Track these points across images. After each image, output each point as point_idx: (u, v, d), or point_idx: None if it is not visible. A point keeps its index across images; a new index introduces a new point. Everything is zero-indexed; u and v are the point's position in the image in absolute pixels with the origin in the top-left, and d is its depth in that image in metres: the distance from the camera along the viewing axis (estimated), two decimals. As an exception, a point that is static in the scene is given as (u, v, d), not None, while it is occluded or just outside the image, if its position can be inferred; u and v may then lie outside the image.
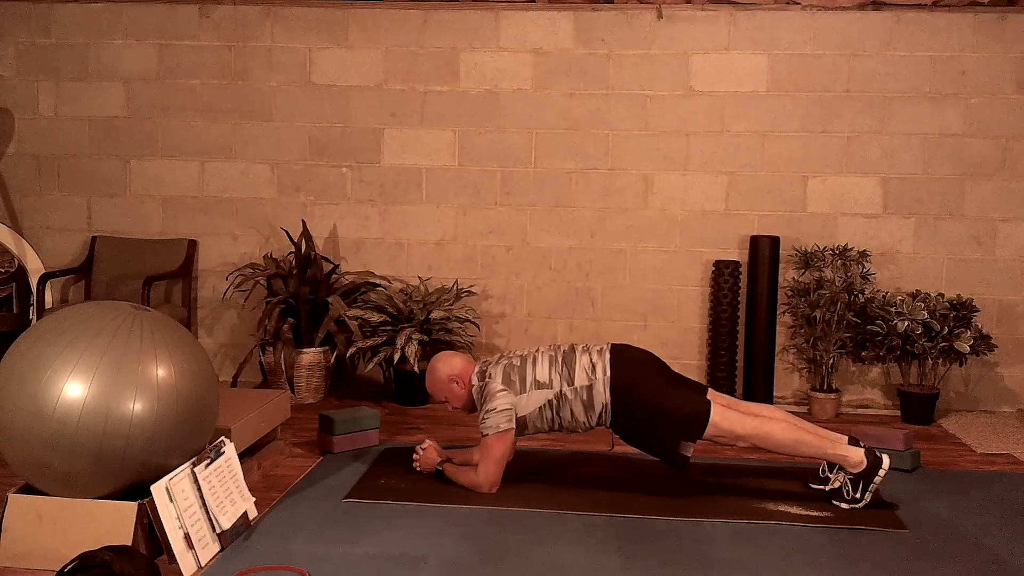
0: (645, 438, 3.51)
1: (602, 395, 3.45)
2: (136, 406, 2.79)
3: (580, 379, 3.47)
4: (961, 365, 5.02)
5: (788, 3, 5.11)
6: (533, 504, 3.42)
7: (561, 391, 3.47)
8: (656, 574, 2.85)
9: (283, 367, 4.98)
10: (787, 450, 3.44)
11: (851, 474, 3.43)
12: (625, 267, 5.33)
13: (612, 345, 3.58)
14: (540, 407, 3.49)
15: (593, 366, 3.49)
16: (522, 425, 3.52)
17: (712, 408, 3.41)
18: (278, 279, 5.18)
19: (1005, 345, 5.13)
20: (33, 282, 5.38)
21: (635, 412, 3.46)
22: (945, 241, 5.16)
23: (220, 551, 2.96)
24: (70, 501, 2.85)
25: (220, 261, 5.51)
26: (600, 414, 3.48)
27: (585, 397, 3.47)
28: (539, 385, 3.49)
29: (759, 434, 3.41)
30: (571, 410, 3.48)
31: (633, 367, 3.51)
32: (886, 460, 3.41)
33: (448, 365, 3.65)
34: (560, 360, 3.53)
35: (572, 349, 3.58)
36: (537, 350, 3.63)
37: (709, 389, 3.62)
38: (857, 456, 3.42)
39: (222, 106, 5.44)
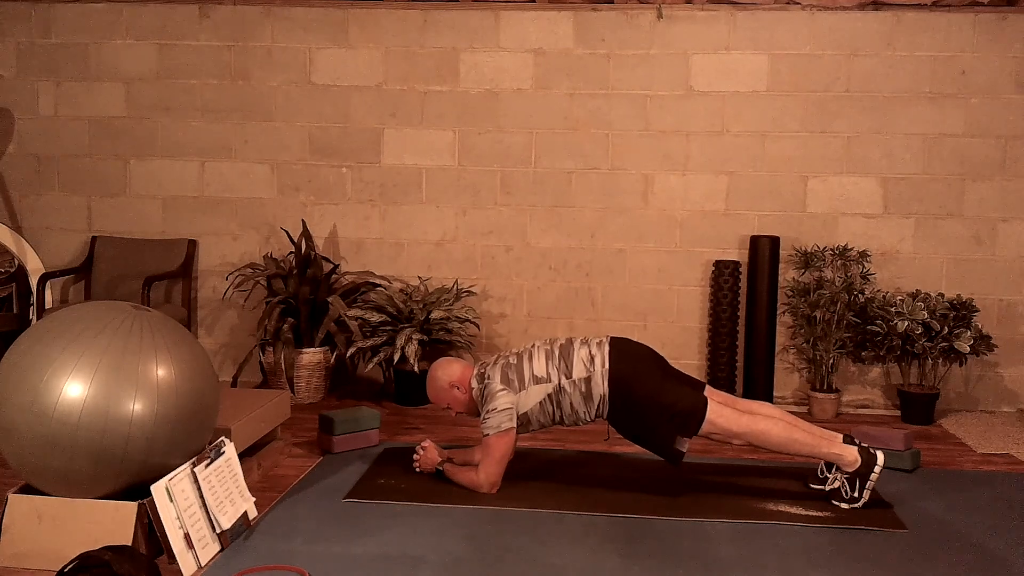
0: (641, 432, 3.52)
1: (600, 387, 3.46)
2: (136, 406, 2.80)
3: (578, 371, 3.48)
4: (961, 365, 5.02)
5: (788, 3, 5.10)
6: (533, 504, 3.42)
7: (560, 384, 3.48)
8: (656, 574, 2.85)
9: (283, 367, 4.98)
10: (782, 448, 3.45)
11: (847, 473, 3.44)
12: (625, 267, 5.33)
13: (612, 338, 3.59)
14: (541, 401, 3.50)
15: (592, 358, 3.50)
16: (525, 421, 3.53)
17: (708, 405, 3.43)
18: (278, 279, 5.18)
19: (1005, 345, 5.13)
20: (33, 282, 5.38)
21: (632, 405, 3.46)
22: (945, 241, 5.16)
23: (220, 551, 2.96)
24: (70, 501, 2.85)
25: (220, 261, 5.51)
26: (598, 406, 3.49)
27: (584, 389, 3.48)
28: (537, 380, 3.50)
29: (754, 432, 3.42)
30: (571, 402, 3.49)
31: (632, 361, 3.52)
32: (880, 457, 3.42)
33: (447, 372, 3.66)
34: (557, 354, 3.54)
35: (570, 342, 3.59)
36: (533, 346, 3.64)
37: (707, 386, 3.63)
38: (851, 455, 3.43)
39: (222, 106, 5.44)
